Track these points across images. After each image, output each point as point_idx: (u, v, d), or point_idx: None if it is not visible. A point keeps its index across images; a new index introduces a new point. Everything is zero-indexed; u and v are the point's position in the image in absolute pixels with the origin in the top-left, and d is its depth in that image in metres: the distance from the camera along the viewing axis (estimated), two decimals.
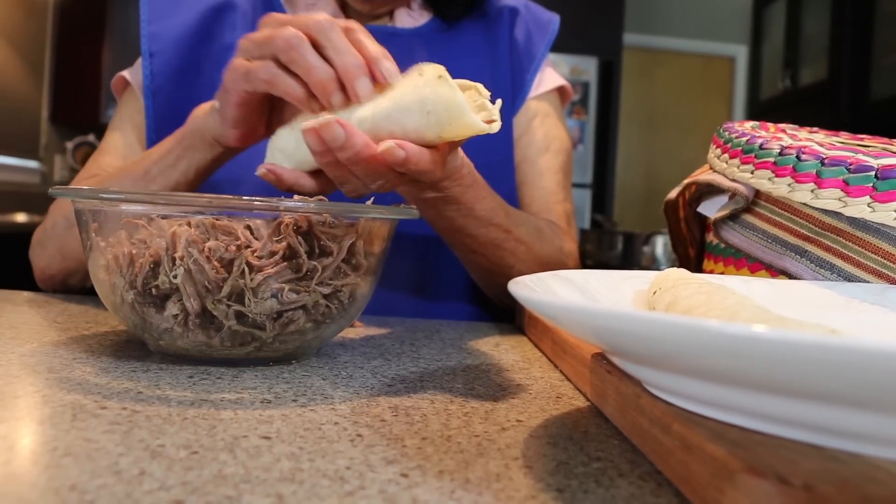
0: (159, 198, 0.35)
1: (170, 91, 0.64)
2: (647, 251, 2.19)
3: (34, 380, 0.32)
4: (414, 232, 0.66)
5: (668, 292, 0.31)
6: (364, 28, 0.43)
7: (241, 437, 0.25)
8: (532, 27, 0.75)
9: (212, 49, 0.65)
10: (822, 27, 3.25)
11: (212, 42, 0.65)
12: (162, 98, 0.64)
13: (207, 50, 0.65)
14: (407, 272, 0.66)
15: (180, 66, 0.64)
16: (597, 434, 0.28)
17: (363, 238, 0.37)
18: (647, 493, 0.22)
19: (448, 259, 0.65)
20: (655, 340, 0.20)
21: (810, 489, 0.17)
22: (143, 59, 0.64)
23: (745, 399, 0.21)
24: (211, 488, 0.21)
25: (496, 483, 0.22)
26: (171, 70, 0.64)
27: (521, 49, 0.73)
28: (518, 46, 0.73)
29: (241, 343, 0.35)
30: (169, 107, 0.64)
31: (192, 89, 0.64)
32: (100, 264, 0.36)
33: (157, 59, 0.64)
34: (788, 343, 0.17)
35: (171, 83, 0.64)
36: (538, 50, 0.74)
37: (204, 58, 0.65)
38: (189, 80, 0.64)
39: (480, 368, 0.40)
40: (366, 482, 0.22)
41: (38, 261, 0.62)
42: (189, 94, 0.64)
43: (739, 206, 0.45)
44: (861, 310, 0.36)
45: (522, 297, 0.24)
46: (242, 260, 0.34)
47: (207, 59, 0.65)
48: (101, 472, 0.22)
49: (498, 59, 0.72)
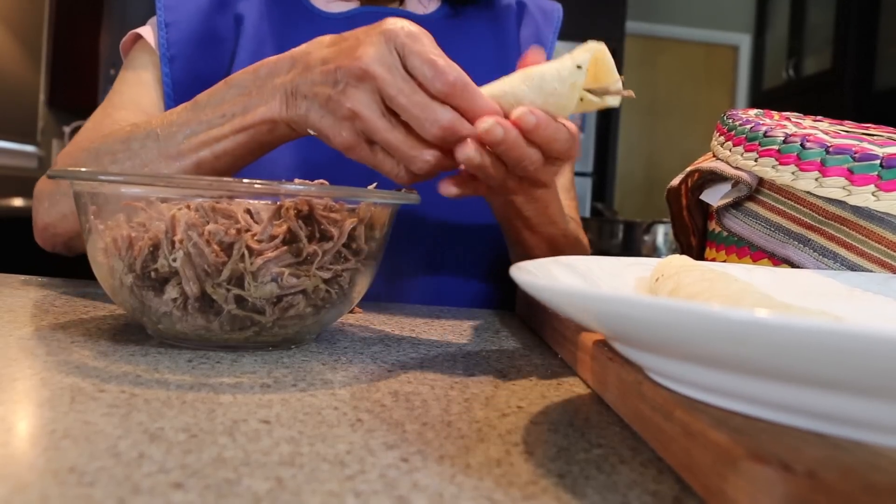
0: (159, 180, 0.34)
1: (187, 58, 0.65)
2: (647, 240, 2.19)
3: (32, 363, 0.32)
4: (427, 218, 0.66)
5: (670, 279, 0.31)
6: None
7: (240, 420, 0.25)
8: (539, 18, 0.77)
9: (226, 17, 0.66)
10: (826, 16, 3.23)
11: (226, 11, 0.67)
12: (179, 65, 0.64)
13: (223, 17, 0.66)
14: (419, 259, 0.66)
15: (197, 35, 0.65)
16: (598, 421, 0.28)
17: (364, 223, 0.37)
18: (648, 480, 0.22)
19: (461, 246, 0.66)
20: (659, 326, 0.20)
21: (813, 476, 0.17)
22: (159, 29, 0.64)
23: (748, 386, 0.21)
24: (210, 471, 0.21)
25: (497, 468, 0.22)
26: (188, 38, 0.65)
27: (532, 42, 0.75)
28: (529, 40, 0.75)
29: (240, 327, 0.35)
30: (186, 73, 0.64)
31: (209, 57, 0.65)
32: (98, 247, 0.36)
33: (173, 29, 0.64)
34: (793, 329, 0.17)
35: (188, 51, 0.65)
36: (547, 40, 0.76)
37: (219, 26, 0.66)
38: (205, 48, 0.65)
39: (481, 355, 0.40)
40: (366, 466, 0.22)
41: (44, 217, 0.59)
42: (207, 62, 0.65)
43: (742, 194, 0.44)
44: (864, 299, 0.36)
45: (526, 283, 0.24)
46: (242, 244, 0.34)
47: (223, 27, 0.66)
48: (100, 454, 0.21)
49: (506, 53, 0.73)
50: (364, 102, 0.40)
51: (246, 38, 0.66)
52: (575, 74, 0.38)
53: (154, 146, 0.50)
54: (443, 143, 0.40)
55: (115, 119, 0.62)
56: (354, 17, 0.68)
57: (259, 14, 0.67)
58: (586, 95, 0.40)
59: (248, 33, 0.66)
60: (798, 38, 3.50)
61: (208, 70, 0.65)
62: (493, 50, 0.73)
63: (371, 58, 0.40)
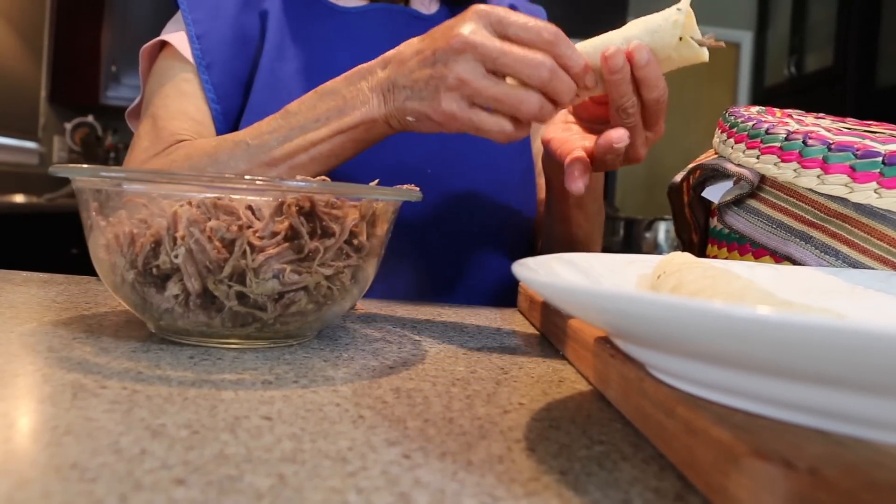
0: (161, 177, 0.34)
1: (223, 63, 0.66)
2: (648, 237, 2.19)
3: (34, 359, 0.32)
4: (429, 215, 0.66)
5: (672, 276, 0.31)
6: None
7: (242, 417, 0.25)
8: None
9: (252, 15, 0.68)
10: (828, 13, 3.22)
11: (251, 9, 0.68)
12: (216, 70, 0.65)
13: (249, 16, 0.68)
14: (421, 256, 0.67)
15: (228, 39, 0.66)
16: (599, 418, 0.28)
17: (366, 219, 0.37)
18: (650, 477, 0.22)
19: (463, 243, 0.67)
20: (661, 322, 0.20)
21: (815, 473, 0.17)
22: (191, 42, 0.65)
23: (751, 383, 0.21)
24: (212, 468, 0.21)
25: (499, 465, 0.22)
26: (221, 44, 0.66)
27: None
28: None
29: (242, 324, 0.35)
30: (224, 76, 0.66)
31: (244, 57, 0.67)
32: (100, 244, 0.36)
33: (205, 39, 0.65)
34: (795, 326, 0.17)
35: (223, 55, 0.66)
36: None
37: (247, 25, 0.68)
38: (238, 49, 0.67)
39: (482, 351, 0.40)
40: (368, 463, 0.22)
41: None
42: (241, 62, 0.67)
43: (744, 191, 0.44)
44: (866, 296, 0.36)
45: (528, 280, 0.24)
46: (244, 240, 0.34)
47: (250, 26, 0.68)
48: (102, 450, 0.21)
49: None
50: (468, 69, 0.44)
51: (271, 32, 0.67)
52: (676, 14, 0.44)
53: (244, 156, 0.51)
54: (546, 87, 0.44)
55: (173, 130, 0.62)
56: (366, 12, 0.70)
57: (280, 8, 0.68)
58: (686, 38, 0.44)
59: (272, 28, 0.67)
60: (799, 35, 3.49)
61: (243, 69, 0.66)
62: None
63: (470, 30, 0.44)
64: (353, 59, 0.68)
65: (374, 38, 0.69)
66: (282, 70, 0.66)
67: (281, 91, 0.65)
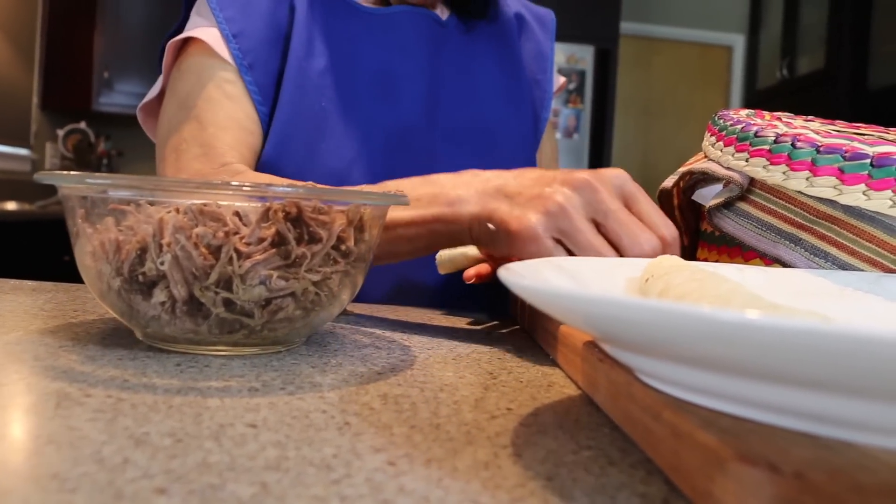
0: (147, 182, 0.34)
1: (264, 62, 0.66)
2: None
3: (19, 367, 0.31)
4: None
5: (660, 279, 0.31)
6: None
7: (227, 424, 0.25)
8: (538, 29, 0.81)
9: (283, 8, 0.68)
10: (820, 16, 3.24)
11: (282, 2, 0.68)
12: (259, 71, 0.65)
13: (281, 10, 0.68)
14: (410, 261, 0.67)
15: (267, 37, 0.66)
16: (588, 422, 0.28)
17: (353, 224, 0.37)
18: (637, 482, 0.22)
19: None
20: (647, 327, 0.20)
21: (801, 477, 0.17)
22: (228, 41, 0.64)
23: (737, 387, 0.21)
24: (195, 476, 0.20)
25: (484, 471, 0.22)
26: (260, 44, 0.66)
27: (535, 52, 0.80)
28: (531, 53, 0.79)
29: (229, 331, 0.35)
30: (265, 75, 0.65)
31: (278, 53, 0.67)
32: (86, 251, 0.36)
33: (243, 38, 0.65)
34: (781, 329, 0.17)
35: (263, 55, 0.66)
36: (547, 49, 0.81)
37: (280, 19, 0.67)
38: (275, 46, 0.67)
39: (472, 357, 0.40)
40: (352, 470, 0.22)
41: None
42: (279, 59, 0.67)
43: (734, 194, 0.44)
44: (855, 298, 0.36)
45: (514, 284, 0.24)
46: (230, 246, 0.33)
47: (282, 20, 0.68)
48: (84, 460, 0.21)
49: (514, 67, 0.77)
50: (576, 203, 0.43)
51: (299, 27, 0.67)
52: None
53: None
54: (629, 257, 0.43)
55: (226, 142, 0.61)
56: (392, 14, 0.71)
57: (307, 4, 0.68)
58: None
59: (300, 23, 0.67)
60: (791, 37, 3.51)
61: (282, 66, 0.66)
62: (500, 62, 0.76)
63: (599, 177, 0.44)
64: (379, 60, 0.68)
65: (399, 39, 0.69)
66: (310, 68, 0.66)
67: (309, 89, 0.65)
